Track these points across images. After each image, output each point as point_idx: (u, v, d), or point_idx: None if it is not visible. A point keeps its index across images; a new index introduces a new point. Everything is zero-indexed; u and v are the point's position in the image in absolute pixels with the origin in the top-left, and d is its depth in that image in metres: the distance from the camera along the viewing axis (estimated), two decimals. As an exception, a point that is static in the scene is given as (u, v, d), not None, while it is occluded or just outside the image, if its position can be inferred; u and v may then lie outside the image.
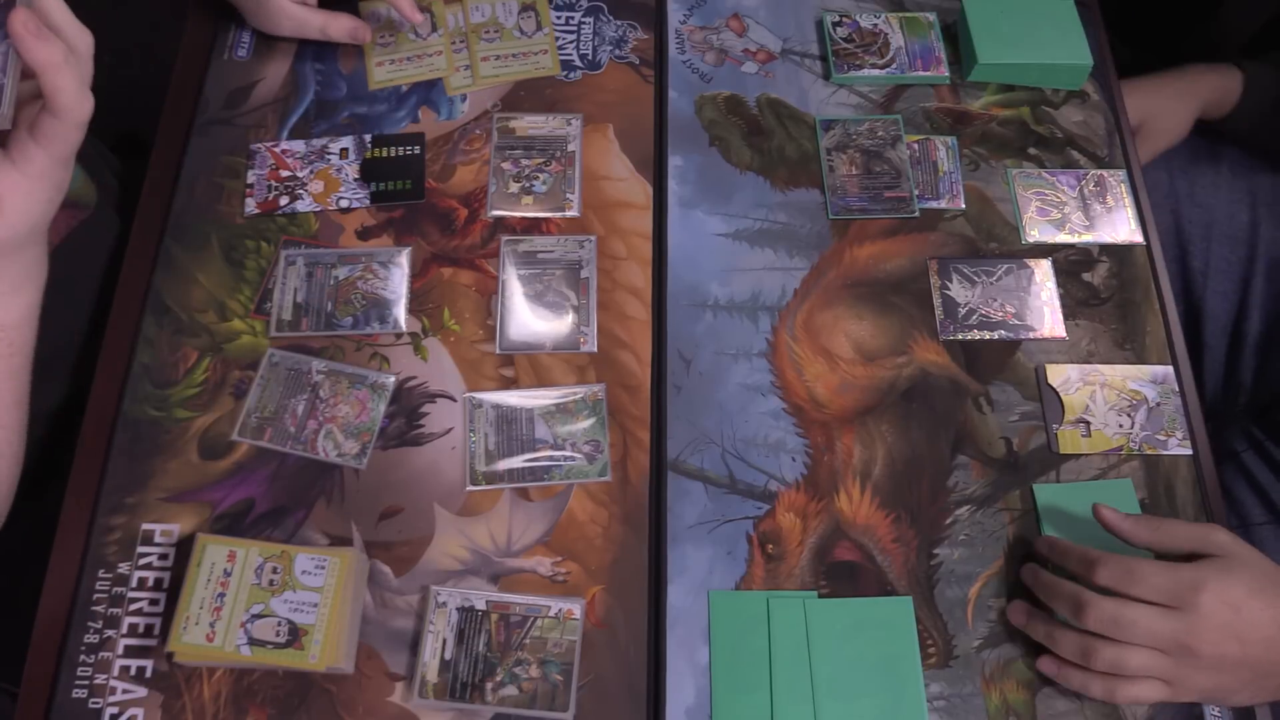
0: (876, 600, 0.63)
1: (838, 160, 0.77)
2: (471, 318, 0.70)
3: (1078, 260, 0.74)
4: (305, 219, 0.73)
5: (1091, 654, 0.56)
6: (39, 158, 0.51)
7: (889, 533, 0.65)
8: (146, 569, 0.62)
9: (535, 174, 0.75)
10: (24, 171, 0.51)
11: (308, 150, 0.75)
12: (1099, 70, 0.81)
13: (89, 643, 0.60)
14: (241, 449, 0.65)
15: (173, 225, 0.72)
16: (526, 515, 0.64)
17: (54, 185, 0.54)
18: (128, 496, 0.64)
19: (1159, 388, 0.70)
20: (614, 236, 0.73)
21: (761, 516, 0.65)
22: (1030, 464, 0.67)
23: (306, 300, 0.70)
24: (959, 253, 0.74)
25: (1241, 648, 0.54)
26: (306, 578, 0.57)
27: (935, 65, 0.81)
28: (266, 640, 0.56)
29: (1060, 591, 0.59)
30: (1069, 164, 0.78)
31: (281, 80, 0.78)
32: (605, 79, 0.79)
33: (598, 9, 0.83)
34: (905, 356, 0.70)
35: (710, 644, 0.61)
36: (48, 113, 0.50)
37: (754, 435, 0.67)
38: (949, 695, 0.61)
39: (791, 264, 0.73)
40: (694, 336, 0.70)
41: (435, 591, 0.61)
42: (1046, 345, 0.71)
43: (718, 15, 0.83)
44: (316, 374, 0.67)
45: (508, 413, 0.67)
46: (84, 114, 0.51)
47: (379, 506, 0.64)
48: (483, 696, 0.58)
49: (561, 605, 0.61)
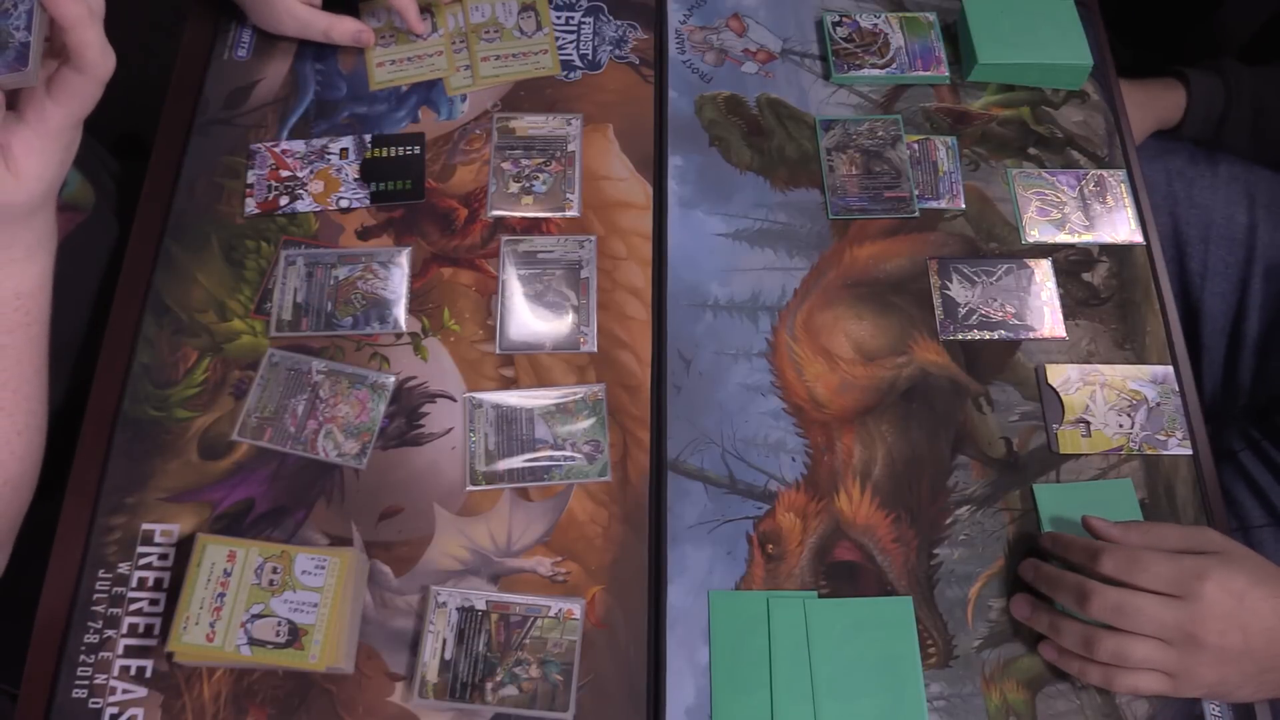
0: (876, 600, 0.63)
1: (838, 160, 0.77)
2: (471, 318, 0.70)
3: (1078, 260, 0.75)
4: (305, 219, 0.73)
5: (1094, 644, 0.56)
6: (55, 115, 0.52)
7: (889, 533, 0.65)
8: (146, 569, 0.62)
9: (535, 174, 0.75)
10: (38, 131, 0.52)
11: (308, 150, 0.75)
12: (1099, 70, 0.81)
13: (89, 643, 0.60)
14: (241, 449, 0.65)
15: (173, 225, 0.72)
16: (526, 515, 0.64)
17: (65, 147, 0.54)
18: (128, 496, 0.64)
19: (1159, 388, 0.70)
20: (614, 236, 0.73)
21: (761, 516, 0.65)
22: (1030, 464, 0.67)
23: (306, 300, 0.70)
24: (959, 253, 0.74)
25: (1245, 638, 0.54)
26: (306, 578, 0.57)
27: (935, 65, 0.81)
28: (266, 640, 0.56)
29: (1064, 582, 0.59)
30: (1069, 164, 0.78)
31: (281, 80, 0.78)
32: (605, 79, 0.79)
33: (598, 9, 0.83)
34: (905, 356, 0.70)
35: (710, 644, 0.61)
36: (72, 69, 0.50)
37: (754, 435, 0.67)
38: (949, 695, 0.61)
39: (791, 264, 0.73)
40: (694, 336, 0.70)
41: (435, 591, 0.61)
42: (1046, 345, 0.71)
43: (718, 15, 0.83)
44: (316, 374, 0.67)
45: (508, 413, 0.67)
46: (108, 70, 0.51)
47: (379, 506, 0.64)
48: (483, 696, 0.58)
49: (561, 605, 0.61)
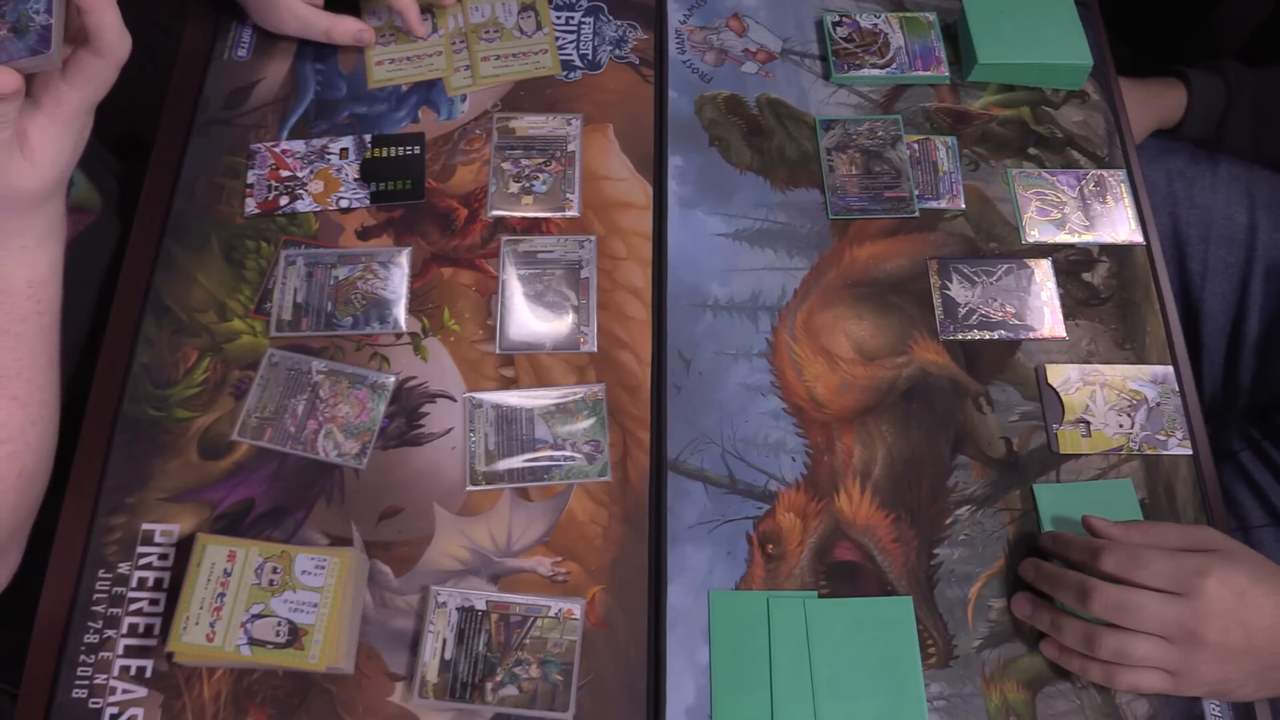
0: (876, 600, 0.63)
1: (838, 160, 0.77)
2: (471, 318, 0.70)
3: (1078, 260, 0.75)
4: (305, 219, 0.73)
5: (1096, 641, 0.56)
6: (71, 100, 0.52)
7: (889, 533, 0.65)
8: (146, 569, 0.62)
9: (535, 174, 0.75)
10: (53, 116, 0.52)
11: (308, 150, 0.75)
12: (1099, 70, 0.81)
13: (89, 643, 0.60)
14: (241, 449, 0.65)
15: (173, 225, 0.72)
16: (526, 515, 0.64)
17: (78, 133, 0.54)
18: (128, 496, 0.64)
19: (1159, 388, 0.70)
20: (614, 236, 0.73)
21: (761, 516, 0.65)
22: (1030, 464, 0.67)
23: (306, 300, 0.70)
24: (959, 253, 0.74)
25: (1246, 636, 0.54)
26: (306, 578, 0.57)
27: (935, 65, 0.81)
28: (266, 640, 0.56)
29: (1065, 580, 0.59)
30: (1069, 164, 0.78)
31: (281, 80, 0.78)
32: (605, 79, 0.79)
33: (598, 9, 0.83)
34: (905, 356, 0.70)
35: (710, 644, 0.61)
36: (90, 52, 0.51)
37: (754, 435, 0.67)
38: (949, 695, 0.61)
39: (791, 264, 0.73)
40: (694, 336, 0.70)
41: (435, 591, 0.61)
42: (1046, 345, 0.71)
43: (718, 15, 0.83)
44: (316, 374, 0.67)
45: (508, 413, 0.67)
46: (125, 51, 0.52)
47: (379, 506, 0.64)
48: (483, 696, 0.58)
49: (561, 605, 0.61)
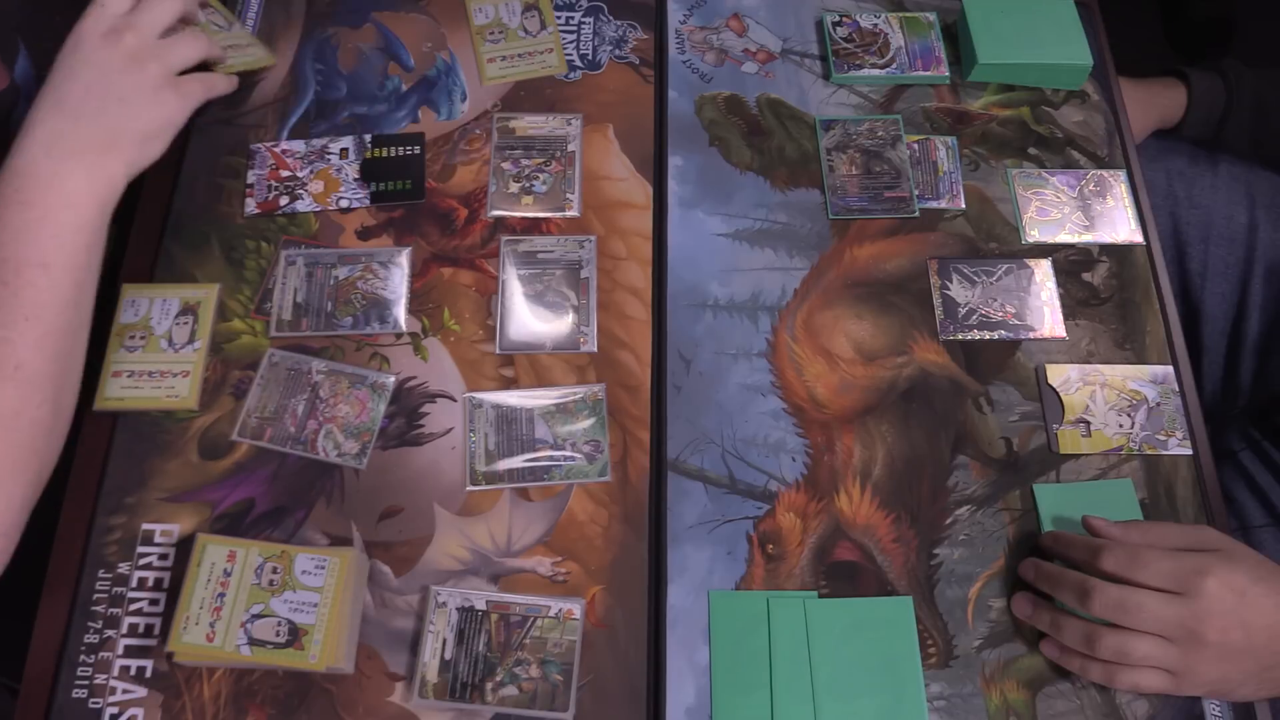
0: (876, 600, 0.63)
1: (838, 160, 0.77)
2: (471, 318, 0.70)
3: (1078, 260, 0.75)
4: (305, 219, 0.73)
5: (1096, 641, 0.56)
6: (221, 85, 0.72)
7: (889, 533, 0.65)
8: (146, 569, 0.62)
9: (535, 174, 0.75)
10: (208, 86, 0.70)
11: (308, 150, 0.75)
12: (1099, 70, 0.81)
13: (89, 643, 0.60)
14: (241, 449, 0.65)
15: (173, 225, 0.72)
16: (526, 515, 0.64)
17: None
18: (128, 496, 0.64)
19: (1159, 387, 0.70)
20: (614, 236, 0.73)
21: (761, 516, 0.65)
22: (1030, 464, 0.67)
23: (306, 300, 0.70)
24: (959, 253, 0.74)
25: (1246, 635, 0.54)
26: (306, 578, 0.57)
27: (935, 65, 0.81)
28: (266, 640, 0.56)
29: (1065, 580, 0.59)
30: (1069, 164, 0.78)
31: (281, 80, 0.78)
32: (605, 79, 0.79)
33: (598, 9, 0.83)
34: (905, 356, 0.70)
35: (710, 644, 0.61)
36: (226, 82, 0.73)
37: (754, 435, 0.67)
38: (949, 695, 0.61)
39: (791, 264, 0.73)
40: (694, 336, 0.70)
41: (435, 591, 0.61)
42: (1046, 345, 0.71)
43: (718, 15, 0.83)
44: (316, 374, 0.67)
45: (508, 413, 0.67)
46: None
47: (379, 506, 0.64)
48: (483, 696, 0.58)
49: (561, 605, 0.61)
